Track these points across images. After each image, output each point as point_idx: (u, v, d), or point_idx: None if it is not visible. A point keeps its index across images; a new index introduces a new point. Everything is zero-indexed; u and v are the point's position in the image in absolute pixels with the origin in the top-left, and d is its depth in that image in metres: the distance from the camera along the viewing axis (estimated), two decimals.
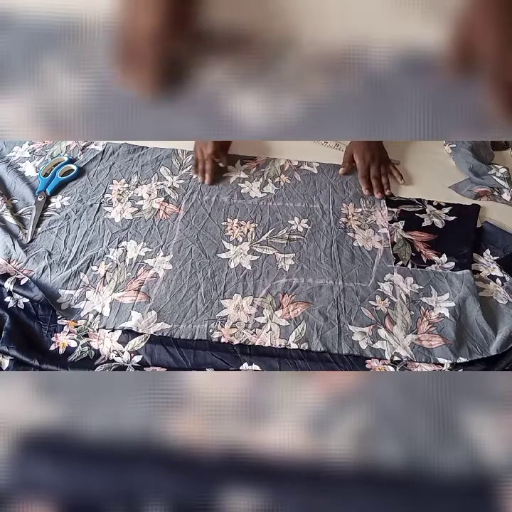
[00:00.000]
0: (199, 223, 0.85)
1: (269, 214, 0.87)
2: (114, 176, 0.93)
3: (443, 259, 0.79)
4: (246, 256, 0.80)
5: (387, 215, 0.87)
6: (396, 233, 0.83)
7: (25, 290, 0.72)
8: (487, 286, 0.76)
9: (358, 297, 0.74)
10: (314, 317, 0.71)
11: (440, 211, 0.88)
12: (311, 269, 0.78)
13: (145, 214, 0.86)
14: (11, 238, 0.80)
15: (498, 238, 0.82)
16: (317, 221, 0.86)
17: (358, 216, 0.87)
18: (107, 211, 0.86)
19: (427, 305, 0.73)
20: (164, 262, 0.78)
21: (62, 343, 0.68)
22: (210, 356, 0.66)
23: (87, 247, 0.80)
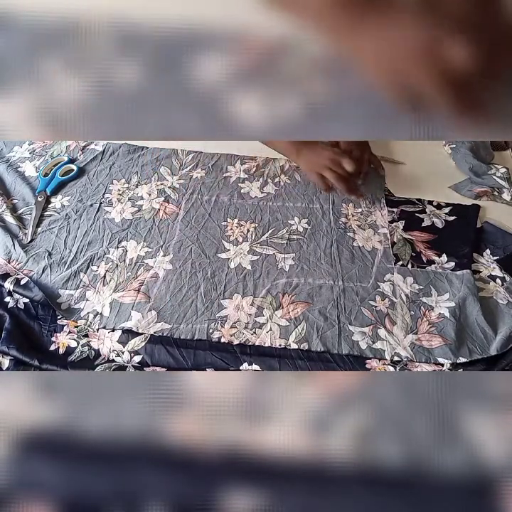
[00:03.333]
0: (199, 223, 0.85)
1: (269, 214, 0.87)
2: (114, 176, 0.93)
3: (443, 259, 0.79)
4: (246, 256, 0.80)
5: (387, 215, 0.87)
6: (396, 233, 0.83)
7: (25, 290, 0.72)
8: (487, 286, 0.76)
9: (358, 297, 0.74)
10: (314, 317, 0.71)
11: (440, 211, 0.88)
12: (311, 269, 0.78)
13: (145, 214, 0.86)
14: (11, 238, 0.80)
15: (498, 238, 0.82)
16: (317, 221, 0.86)
17: (358, 216, 0.87)
18: (107, 211, 0.86)
19: (427, 305, 0.73)
20: (164, 262, 0.78)
21: (62, 343, 0.68)
22: (210, 356, 0.66)
23: (87, 247, 0.80)
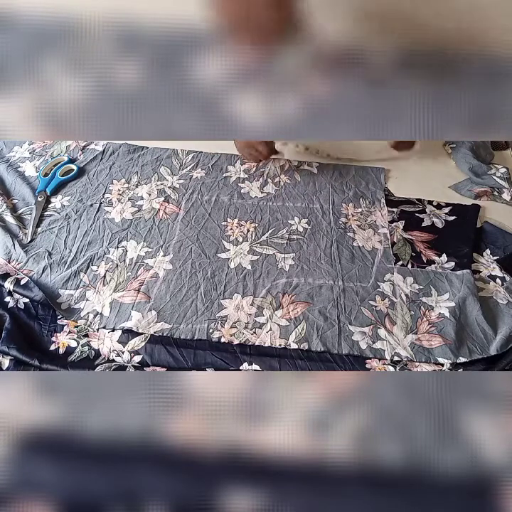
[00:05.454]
0: (199, 223, 0.85)
1: (269, 214, 0.87)
2: (114, 176, 0.93)
3: (443, 259, 0.79)
4: (246, 256, 0.80)
5: (387, 215, 0.87)
6: (396, 233, 0.83)
7: (25, 290, 0.72)
8: (487, 286, 0.76)
9: (358, 297, 0.74)
10: (314, 317, 0.71)
11: (440, 211, 0.88)
12: (311, 269, 0.78)
13: (145, 214, 0.86)
14: (11, 238, 0.80)
15: (498, 238, 0.82)
16: (317, 221, 0.86)
17: (358, 216, 0.87)
18: (107, 211, 0.86)
19: (427, 305, 0.73)
20: (164, 262, 0.78)
21: (62, 343, 0.68)
22: (210, 356, 0.66)
23: (87, 247, 0.80)
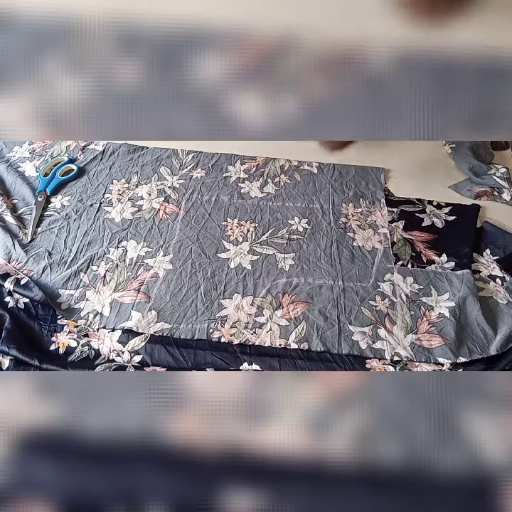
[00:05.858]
0: (199, 223, 0.85)
1: (269, 214, 0.87)
2: (114, 176, 0.93)
3: (443, 259, 0.79)
4: (246, 256, 0.80)
5: (387, 215, 0.87)
6: (396, 233, 0.83)
7: (25, 290, 0.72)
8: (487, 286, 0.76)
9: (358, 297, 0.74)
10: (314, 317, 0.71)
11: (440, 211, 0.88)
12: (311, 269, 0.78)
13: (145, 214, 0.86)
14: (11, 238, 0.80)
15: (498, 238, 0.82)
16: (317, 221, 0.86)
17: (358, 216, 0.87)
18: (107, 211, 0.86)
19: (426, 305, 0.73)
20: (164, 262, 0.78)
21: (62, 343, 0.68)
22: (210, 356, 0.66)
23: (87, 247, 0.80)
